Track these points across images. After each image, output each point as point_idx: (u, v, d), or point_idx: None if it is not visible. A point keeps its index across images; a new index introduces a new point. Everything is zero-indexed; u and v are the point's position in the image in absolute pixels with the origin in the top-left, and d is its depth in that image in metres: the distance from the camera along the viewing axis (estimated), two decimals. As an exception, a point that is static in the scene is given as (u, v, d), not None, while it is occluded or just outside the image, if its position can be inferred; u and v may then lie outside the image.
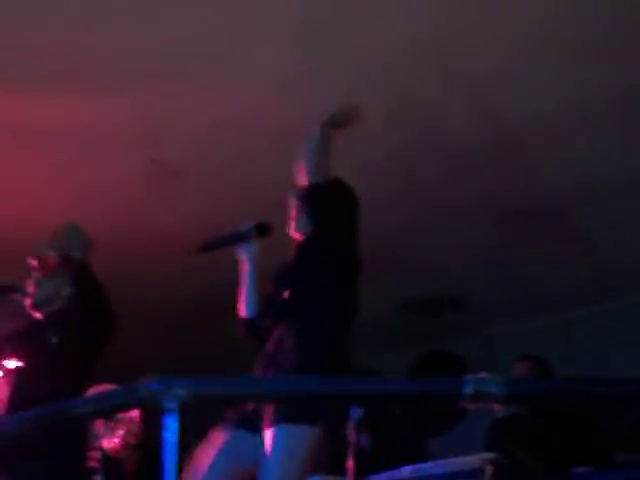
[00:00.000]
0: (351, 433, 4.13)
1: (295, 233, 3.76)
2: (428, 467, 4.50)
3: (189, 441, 2.71)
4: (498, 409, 4.80)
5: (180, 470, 2.43)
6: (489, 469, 4.15)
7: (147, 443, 5.59)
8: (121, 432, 5.65)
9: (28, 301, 4.26)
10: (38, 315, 4.27)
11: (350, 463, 4.12)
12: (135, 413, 5.62)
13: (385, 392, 2.37)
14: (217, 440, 3.54)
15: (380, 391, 2.36)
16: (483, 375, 3.03)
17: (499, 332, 6.99)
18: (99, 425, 5.37)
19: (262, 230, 3.63)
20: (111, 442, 5.64)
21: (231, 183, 5.37)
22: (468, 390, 2.19)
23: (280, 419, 3.39)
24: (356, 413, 4.09)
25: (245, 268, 3.64)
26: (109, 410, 2.65)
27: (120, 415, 5.65)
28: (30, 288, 4.29)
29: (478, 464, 4.22)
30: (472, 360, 6.65)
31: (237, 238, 3.60)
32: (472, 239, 5.95)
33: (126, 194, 5.46)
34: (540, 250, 6.01)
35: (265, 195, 5.18)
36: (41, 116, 4.72)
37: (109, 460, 5.49)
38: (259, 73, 4.46)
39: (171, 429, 2.34)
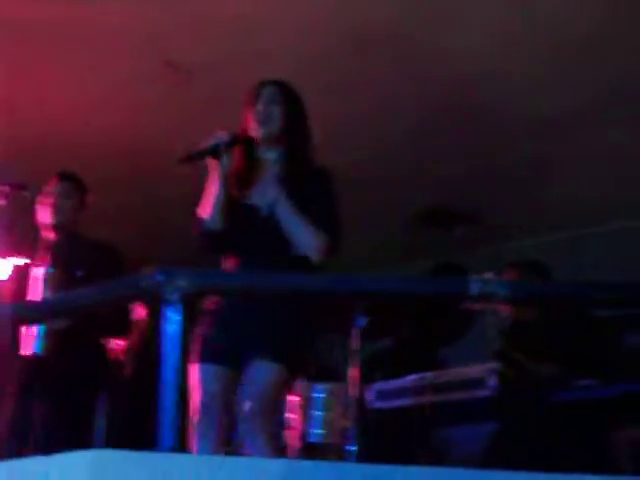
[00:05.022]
0: (356, 341, 4.11)
1: None
2: (431, 376, 4.52)
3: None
4: (504, 310, 4.76)
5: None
6: (492, 379, 4.17)
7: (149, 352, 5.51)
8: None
9: None
10: None
11: (355, 371, 4.10)
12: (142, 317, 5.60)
13: (392, 290, 2.32)
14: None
15: (387, 289, 2.32)
16: (489, 275, 3.00)
17: (508, 248, 6.95)
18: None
19: (237, 142, 3.64)
20: (116, 344, 5.63)
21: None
22: (474, 290, 2.15)
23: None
24: (361, 321, 4.07)
25: (217, 178, 3.60)
26: (110, 301, 2.61)
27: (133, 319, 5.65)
28: None
29: (481, 374, 4.23)
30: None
31: (216, 149, 3.61)
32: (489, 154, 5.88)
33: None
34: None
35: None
36: (65, 18, 4.63)
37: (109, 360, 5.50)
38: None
39: (172, 321, 2.29)
